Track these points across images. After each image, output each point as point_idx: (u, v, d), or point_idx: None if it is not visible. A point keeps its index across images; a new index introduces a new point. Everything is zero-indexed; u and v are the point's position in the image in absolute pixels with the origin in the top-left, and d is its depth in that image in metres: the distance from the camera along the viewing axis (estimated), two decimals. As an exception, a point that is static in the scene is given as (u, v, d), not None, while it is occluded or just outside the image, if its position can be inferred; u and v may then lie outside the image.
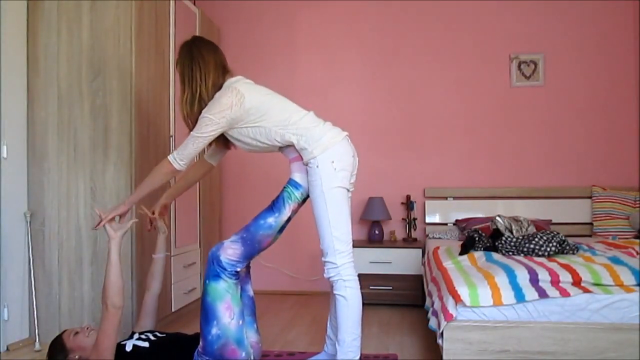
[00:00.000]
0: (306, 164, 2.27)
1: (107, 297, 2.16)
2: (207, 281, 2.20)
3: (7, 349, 2.95)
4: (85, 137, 3.10)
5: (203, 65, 2.28)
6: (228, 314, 2.16)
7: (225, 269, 2.18)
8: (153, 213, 2.62)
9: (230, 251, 2.20)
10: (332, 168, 2.22)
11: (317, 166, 2.22)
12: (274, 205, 2.27)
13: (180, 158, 2.26)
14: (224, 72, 2.34)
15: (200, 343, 2.21)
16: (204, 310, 2.19)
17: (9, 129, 3.03)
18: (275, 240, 2.34)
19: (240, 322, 2.21)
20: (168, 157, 2.28)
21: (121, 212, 2.30)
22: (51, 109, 3.14)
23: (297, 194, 2.28)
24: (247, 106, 2.22)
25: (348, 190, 2.34)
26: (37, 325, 3.02)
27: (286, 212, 2.27)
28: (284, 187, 2.31)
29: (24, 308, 3.10)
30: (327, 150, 2.22)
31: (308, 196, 2.33)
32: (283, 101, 2.34)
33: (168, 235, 2.73)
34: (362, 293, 3.93)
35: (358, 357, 2.26)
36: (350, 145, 2.35)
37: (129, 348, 2.29)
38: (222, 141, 2.44)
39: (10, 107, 3.04)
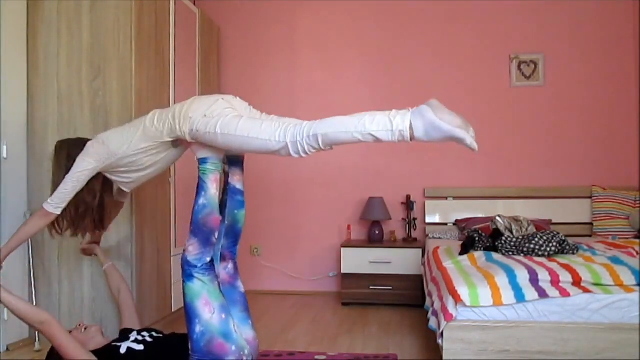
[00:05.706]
0: (194, 140, 2.26)
1: (30, 324, 2.22)
2: (183, 283, 2.25)
3: (7, 349, 2.95)
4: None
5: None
6: (207, 309, 2.20)
7: (195, 266, 2.23)
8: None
9: (190, 248, 2.25)
10: (206, 118, 2.19)
11: (197, 130, 2.20)
12: (198, 188, 2.31)
13: (55, 202, 2.33)
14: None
15: (189, 345, 2.22)
16: (186, 312, 2.23)
17: (9, 129, 3.03)
18: (224, 220, 2.41)
19: (223, 316, 2.22)
20: (43, 204, 2.35)
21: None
22: (51, 109, 3.14)
23: (209, 166, 2.30)
24: (104, 139, 2.37)
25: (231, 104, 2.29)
26: (37, 325, 3.01)
27: (210, 186, 2.28)
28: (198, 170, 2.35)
29: (24, 308, 3.09)
30: (189, 118, 2.22)
31: (225, 162, 2.40)
32: (132, 122, 2.47)
33: (108, 250, 2.98)
34: (362, 293, 4.02)
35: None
36: (209, 97, 2.32)
37: (123, 350, 2.26)
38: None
39: (10, 107, 3.04)
